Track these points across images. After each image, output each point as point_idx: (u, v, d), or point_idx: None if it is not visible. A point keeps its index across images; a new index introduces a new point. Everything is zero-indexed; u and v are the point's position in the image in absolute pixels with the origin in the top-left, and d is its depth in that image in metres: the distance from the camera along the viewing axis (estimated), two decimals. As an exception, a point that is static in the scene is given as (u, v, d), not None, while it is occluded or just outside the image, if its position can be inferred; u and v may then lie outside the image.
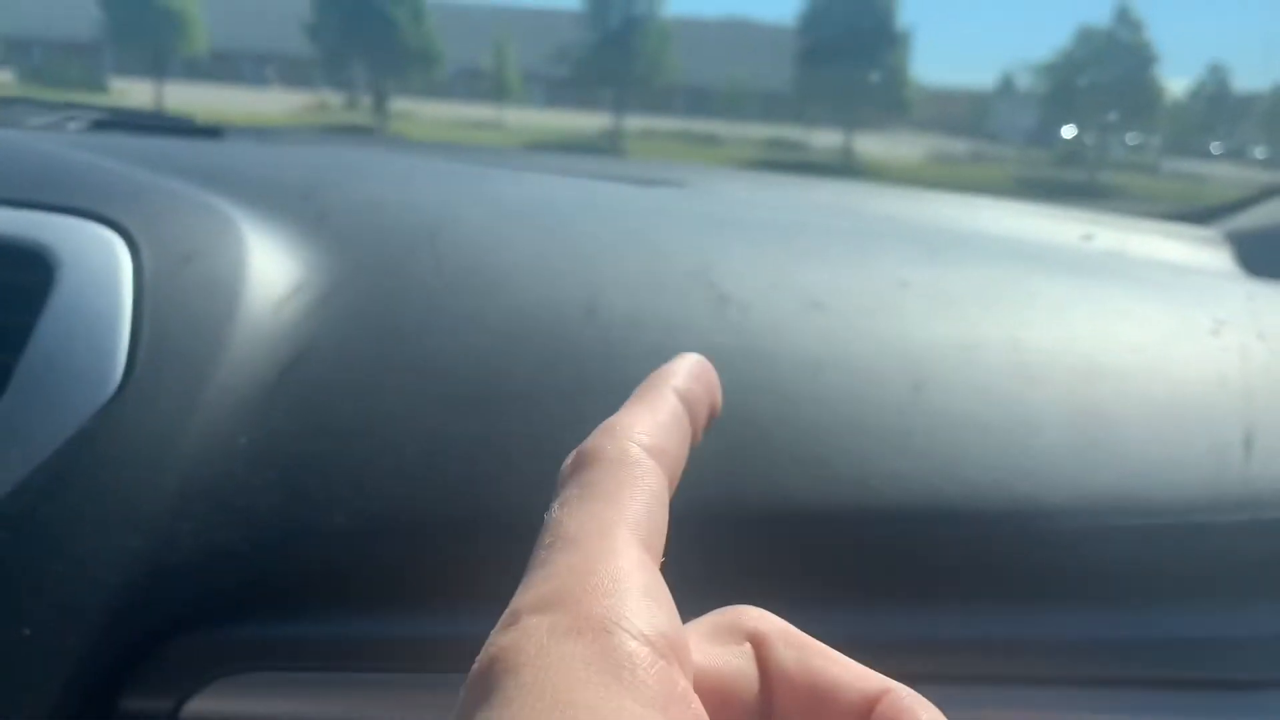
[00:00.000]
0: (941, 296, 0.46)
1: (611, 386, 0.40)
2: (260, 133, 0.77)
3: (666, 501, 0.23)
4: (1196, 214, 0.79)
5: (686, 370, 0.27)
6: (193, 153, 0.59)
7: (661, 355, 0.41)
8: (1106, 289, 0.49)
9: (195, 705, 0.37)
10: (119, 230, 0.43)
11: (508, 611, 0.19)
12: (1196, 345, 0.45)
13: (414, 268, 0.45)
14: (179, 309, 0.41)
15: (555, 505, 0.22)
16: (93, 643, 0.36)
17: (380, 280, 0.44)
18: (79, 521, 0.36)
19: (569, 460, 0.23)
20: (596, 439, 0.23)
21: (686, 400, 0.26)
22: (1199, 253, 0.69)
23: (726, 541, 0.38)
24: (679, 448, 0.25)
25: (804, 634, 0.22)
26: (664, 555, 0.22)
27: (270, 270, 0.43)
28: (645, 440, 0.23)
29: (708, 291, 0.45)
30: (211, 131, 0.73)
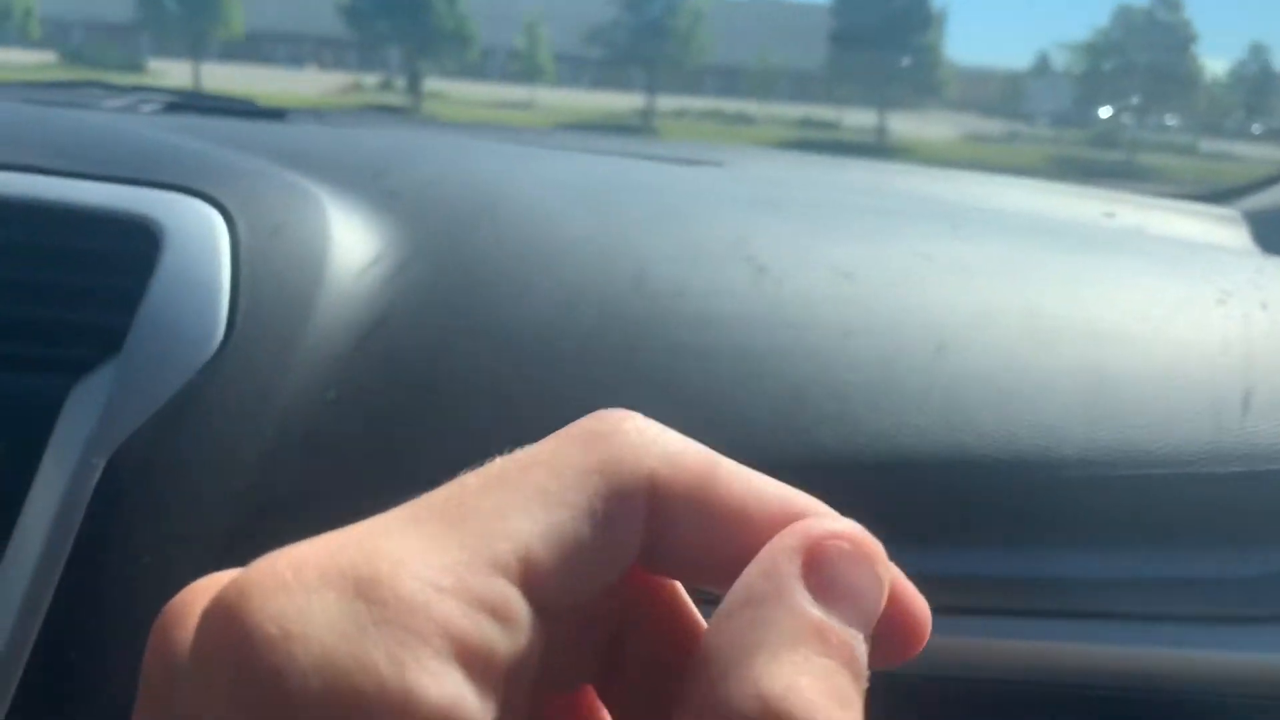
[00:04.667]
0: (962, 268, 0.50)
1: (658, 348, 0.45)
2: (319, 114, 0.81)
3: None
4: (1218, 194, 0.82)
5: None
6: (267, 134, 0.63)
7: (704, 321, 0.45)
8: (1119, 262, 0.53)
9: None
10: (216, 205, 0.47)
11: None
12: (1202, 313, 0.48)
13: (477, 240, 0.50)
14: (272, 276, 0.45)
15: None
16: (202, 570, 0.41)
17: (448, 252, 0.48)
18: (189, 464, 0.41)
19: None
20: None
21: None
22: (1215, 230, 0.72)
23: None
24: None
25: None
26: None
27: (351, 242, 0.48)
28: None
29: (746, 264, 0.49)
30: (276, 114, 0.78)
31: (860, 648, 0.17)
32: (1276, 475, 0.42)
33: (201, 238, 0.46)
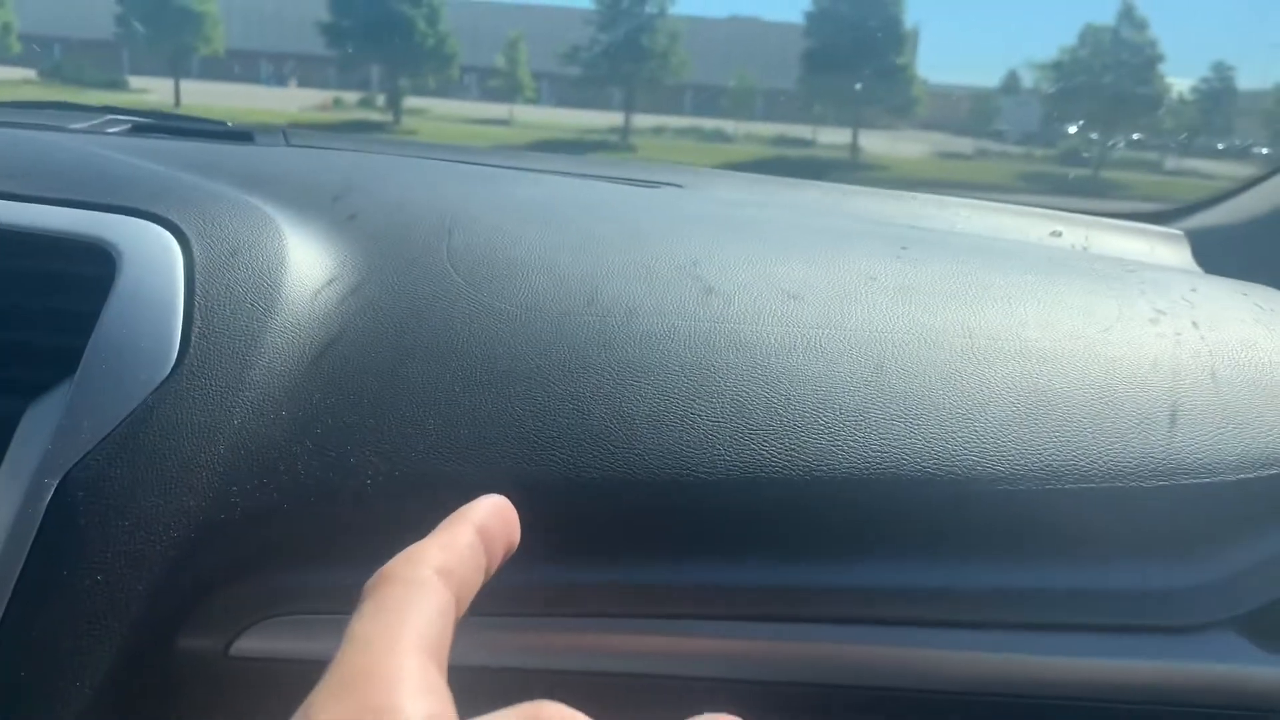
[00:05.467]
0: (905, 289, 0.51)
1: (608, 367, 0.46)
2: (288, 135, 0.82)
3: (452, 617, 0.26)
4: (1165, 213, 0.84)
5: (486, 509, 0.31)
6: (231, 157, 0.64)
7: (653, 340, 0.47)
8: (1058, 282, 0.54)
9: (243, 643, 0.43)
10: (172, 228, 0.48)
11: (302, 706, 0.22)
12: (1135, 332, 0.50)
13: (433, 262, 0.51)
14: (226, 298, 0.46)
15: (353, 617, 0.25)
16: (155, 588, 0.41)
17: (403, 273, 0.49)
18: (143, 483, 0.42)
19: (370, 580, 0.27)
20: (394, 563, 0.27)
21: (483, 534, 0.30)
22: (1159, 249, 0.74)
23: (709, 502, 0.43)
24: (471, 574, 0.28)
25: None
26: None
27: (307, 264, 0.48)
28: (437, 565, 0.27)
29: (695, 284, 0.50)
30: (244, 135, 0.78)
31: None
32: (1199, 488, 0.43)
33: (157, 261, 0.46)
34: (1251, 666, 0.42)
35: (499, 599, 0.44)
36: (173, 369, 0.44)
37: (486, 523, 0.31)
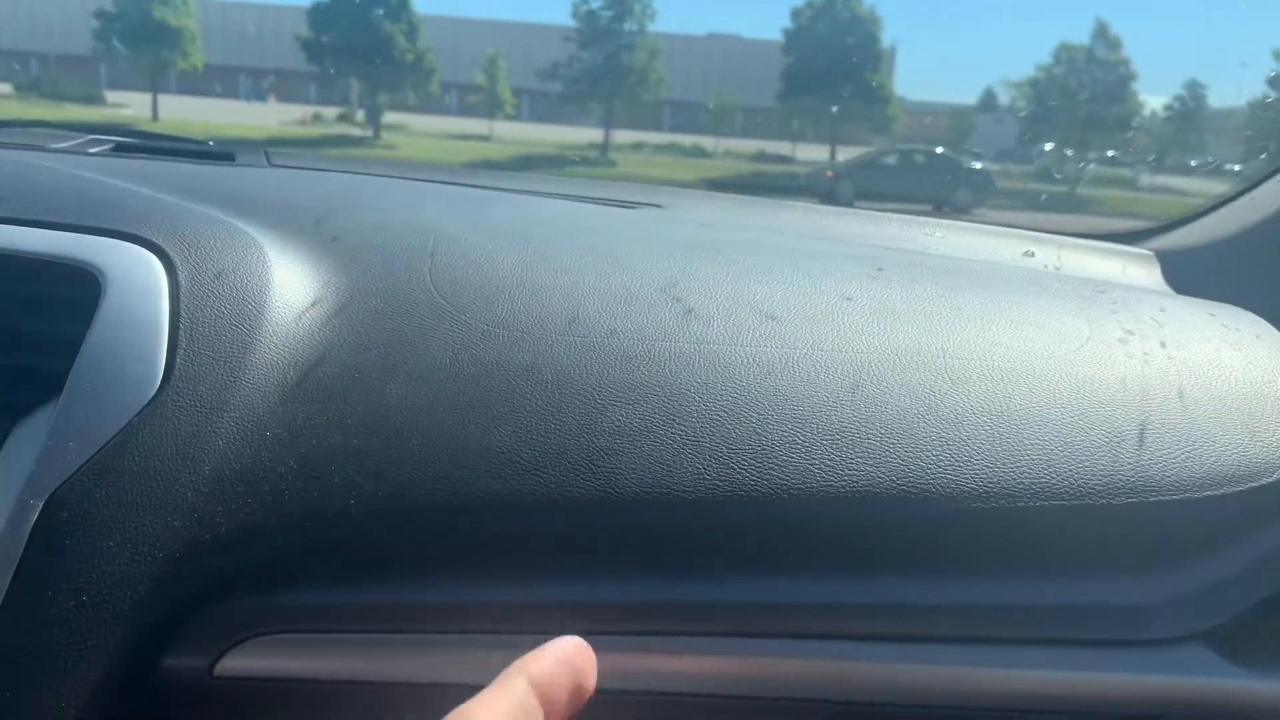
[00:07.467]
0: (880, 309, 0.52)
1: (589, 387, 0.46)
2: (270, 154, 0.82)
3: None
4: (1136, 233, 0.86)
5: (551, 656, 0.29)
6: (214, 178, 0.65)
7: (634, 360, 0.47)
8: (1029, 303, 0.56)
9: (227, 663, 0.43)
10: (157, 251, 0.48)
11: None
12: (1104, 351, 0.51)
13: (416, 283, 0.51)
14: (211, 320, 0.46)
15: None
16: (139, 608, 0.42)
17: (387, 294, 0.50)
18: (127, 504, 0.42)
19: None
20: None
21: (541, 687, 0.28)
22: (1129, 269, 0.75)
23: (688, 520, 0.44)
24: None
25: None
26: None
27: (290, 286, 0.49)
28: None
29: (675, 305, 0.51)
30: (226, 155, 0.79)
31: None
32: (1166, 505, 0.44)
33: (142, 283, 0.47)
34: (1220, 679, 0.43)
35: (472, 617, 0.44)
36: (158, 391, 0.44)
37: (547, 673, 0.29)
